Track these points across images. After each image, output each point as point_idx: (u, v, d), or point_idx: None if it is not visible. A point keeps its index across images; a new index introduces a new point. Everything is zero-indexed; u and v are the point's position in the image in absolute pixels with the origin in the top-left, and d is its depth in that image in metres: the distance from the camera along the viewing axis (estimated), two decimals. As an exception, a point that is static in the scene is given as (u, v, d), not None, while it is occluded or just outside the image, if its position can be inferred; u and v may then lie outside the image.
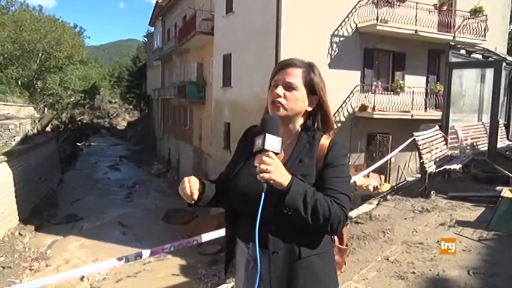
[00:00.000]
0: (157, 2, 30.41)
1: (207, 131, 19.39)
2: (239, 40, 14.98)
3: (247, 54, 14.38)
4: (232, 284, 4.32)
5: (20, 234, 14.52)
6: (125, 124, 52.81)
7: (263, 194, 1.32)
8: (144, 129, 41.12)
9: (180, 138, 25.28)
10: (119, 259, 2.74)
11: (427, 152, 6.74)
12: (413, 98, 13.86)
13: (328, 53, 12.86)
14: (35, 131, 21.71)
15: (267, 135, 1.35)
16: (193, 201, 1.53)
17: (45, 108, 30.71)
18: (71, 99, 38.15)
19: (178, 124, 25.84)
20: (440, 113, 9.53)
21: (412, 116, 13.31)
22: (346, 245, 1.73)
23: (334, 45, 12.92)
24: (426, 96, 14.43)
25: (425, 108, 14.33)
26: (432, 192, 6.47)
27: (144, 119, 45.32)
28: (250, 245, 1.53)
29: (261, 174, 1.32)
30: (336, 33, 12.90)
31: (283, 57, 11.99)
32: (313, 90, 1.56)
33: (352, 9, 13.00)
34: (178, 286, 11.49)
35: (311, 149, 1.51)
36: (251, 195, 1.41)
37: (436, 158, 7.00)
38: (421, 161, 6.60)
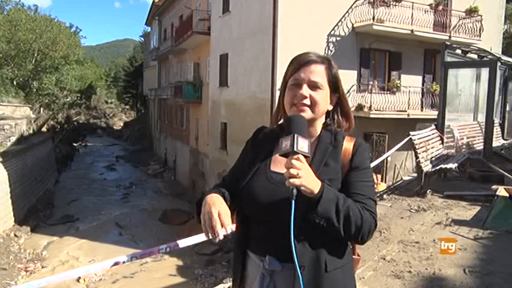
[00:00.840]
0: (153, 2, 30.35)
1: (203, 131, 19.38)
2: (236, 40, 14.97)
3: (244, 54, 14.38)
4: (229, 284, 4.32)
5: (15, 235, 14.43)
6: (122, 124, 52.66)
7: (293, 201, 1.18)
8: (140, 129, 41.04)
9: (176, 138, 25.25)
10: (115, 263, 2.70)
11: (423, 151, 6.76)
12: (409, 98, 13.90)
13: (325, 52, 12.85)
14: (31, 131, 21.64)
15: (296, 135, 1.22)
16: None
17: (41, 109, 30.59)
18: (67, 100, 37.97)
19: (175, 124, 25.81)
20: (436, 113, 9.58)
21: (408, 115, 13.35)
22: (358, 255, 1.60)
23: (331, 45, 12.94)
24: (422, 96, 14.48)
25: (422, 107, 14.37)
26: (428, 191, 6.49)
27: (141, 119, 45.24)
28: (266, 259, 1.37)
29: (291, 180, 1.18)
30: (332, 33, 12.92)
31: (279, 57, 12.01)
32: (336, 87, 1.45)
33: (349, 9, 13.02)
34: (175, 286, 11.46)
35: (335, 151, 1.40)
36: (268, 202, 1.32)
37: (432, 157, 7.03)
38: (417, 160, 6.62)
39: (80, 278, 11.17)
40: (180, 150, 24.38)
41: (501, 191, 5.05)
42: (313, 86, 1.39)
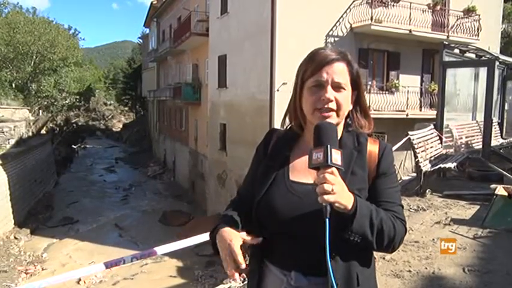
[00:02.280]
0: (151, 4, 30.37)
1: (202, 132, 19.38)
2: (234, 41, 14.99)
3: (243, 55, 14.40)
4: (229, 284, 4.32)
5: (15, 237, 14.44)
6: (121, 126, 52.62)
7: (327, 219, 1.08)
8: (139, 131, 41.03)
9: (176, 140, 25.26)
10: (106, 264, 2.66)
11: (422, 151, 6.77)
12: (408, 98, 13.95)
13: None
14: (30, 133, 21.61)
15: (330, 147, 1.11)
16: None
17: (40, 111, 30.56)
18: (66, 102, 37.90)
19: (174, 125, 25.82)
20: (435, 112, 9.60)
21: (407, 115, 13.38)
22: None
23: (329, 45, 12.93)
24: (421, 96, 14.51)
25: (420, 107, 14.40)
26: (427, 191, 6.51)
27: (140, 120, 45.22)
28: (292, 274, 1.26)
29: (325, 196, 1.08)
30: (330, 33, 12.94)
31: (278, 58, 12.03)
32: (356, 85, 1.33)
33: (347, 9, 13.04)
34: (176, 288, 11.49)
35: (360, 157, 1.29)
36: (292, 216, 1.22)
37: (431, 157, 7.04)
38: (416, 160, 6.63)
39: (80, 279, 11.18)
40: (179, 152, 24.39)
41: (500, 190, 5.06)
42: (338, 87, 1.26)
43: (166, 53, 25.71)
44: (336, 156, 1.10)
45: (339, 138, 1.29)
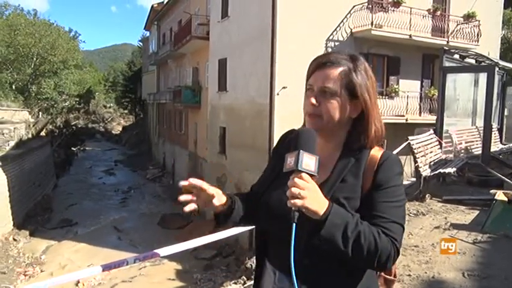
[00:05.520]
0: (152, 7, 30.46)
1: (202, 136, 19.39)
2: (235, 45, 15.03)
3: (243, 58, 14.43)
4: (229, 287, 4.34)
5: (14, 239, 14.41)
6: (120, 129, 52.65)
7: (294, 224, 1.07)
8: (139, 133, 41.04)
9: (175, 143, 25.26)
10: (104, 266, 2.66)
11: (421, 156, 6.80)
12: (407, 103, 13.98)
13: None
14: (30, 135, 21.62)
15: (301, 152, 1.10)
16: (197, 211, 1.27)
17: (40, 113, 30.59)
18: (66, 104, 38.00)
19: (174, 129, 25.83)
20: (434, 117, 9.62)
21: (406, 120, 13.40)
22: (395, 276, 1.41)
23: (330, 50, 12.97)
24: (420, 101, 14.54)
25: (420, 112, 14.43)
26: (427, 196, 6.53)
27: (139, 123, 45.23)
28: (277, 274, 1.31)
29: (292, 201, 1.07)
30: (331, 37, 12.97)
31: (278, 61, 12.06)
32: (354, 93, 1.24)
33: (347, 14, 13.09)
34: (174, 291, 11.46)
35: (357, 165, 1.24)
36: (282, 216, 1.19)
37: (430, 162, 7.06)
38: (416, 164, 6.65)
39: (79, 282, 11.15)
40: (178, 155, 24.38)
41: (500, 195, 5.07)
42: (323, 91, 1.23)
43: (166, 56, 25.76)
44: (308, 161, 1.09)
45: (342, 144, 1.29)
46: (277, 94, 12.07)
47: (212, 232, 3.30)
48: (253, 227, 1.46)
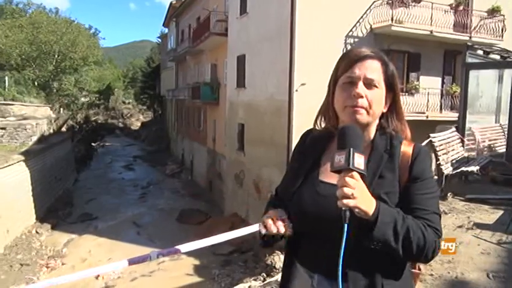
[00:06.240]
0: (171, 4, 30.64)
1: (221, 132, 19.47)
2: (253, 41, 15.01)
3: (261, 55, 14.41)
4: (249, 284, 4.35)
5: (36, 232, 14.76)
6: (139, 124, 53.20)
7: (345, 225, 1.05)
8: (158, 129, 41.42)
9: (194, 139, 25.43)
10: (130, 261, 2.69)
11: (443, 154, 6.67)
12: (428, 99, 13.77)
13: (343, 54, 12.79)
14: (51, 131, 22.02)
15: (353, 151, 1.08)
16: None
17: (61, 109, 31.18)
18: (86, 100, 38.63)
19: (192, 125, 26.00)
20: (455, 114, 9.46)
21: (427, 117, 13.21)
22: (419, 269, 1.44)
23: (349, 46, 12.84)
24: (441, 98, 14.30)
25: (441, 109, 14.20)
26: (449, 194, 6.41)
27: (158, 119, 45.65)
28: (315, 277, 1.27)
29: (344, 201, 1.05)
30: (350, 34, 12.84)
31: (297, 58, 11.99)
32: (392, 86, 1.29)
33: (367, 10, 12.93)
34: (192, 286, 11.55)
35: (391, 160, 1.24)
36: (317, 217, 1.20)
37: (452, 160, 6.93)
38: (438, 162, 6.53)
39: (99, 275, 11.34)
40: (197, 151, 24.55)
41: (525, 195, 4.96)
42: (370, 84, 1.23)
43: (185, 53, 25.90)
44: (359, 160, 1.08)
45: (371, 139, 1.29)
46: (296, 91, 12.02)
47: (231, 229, 3.32)
48: None
